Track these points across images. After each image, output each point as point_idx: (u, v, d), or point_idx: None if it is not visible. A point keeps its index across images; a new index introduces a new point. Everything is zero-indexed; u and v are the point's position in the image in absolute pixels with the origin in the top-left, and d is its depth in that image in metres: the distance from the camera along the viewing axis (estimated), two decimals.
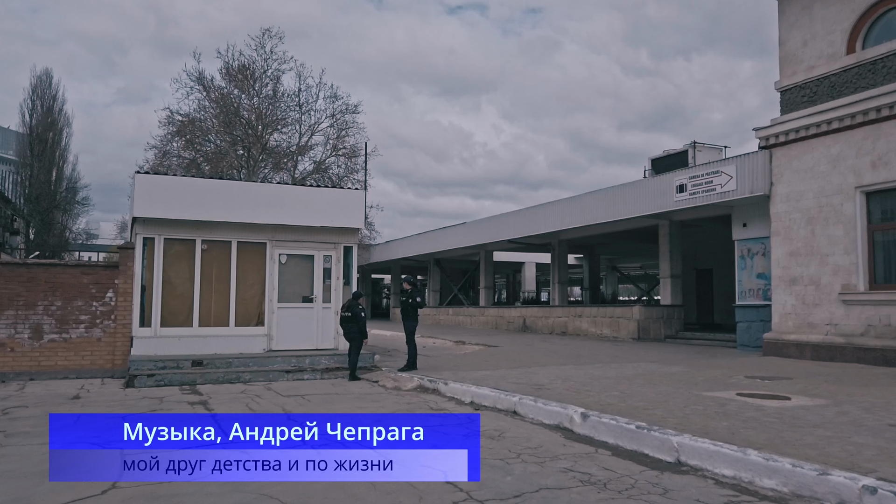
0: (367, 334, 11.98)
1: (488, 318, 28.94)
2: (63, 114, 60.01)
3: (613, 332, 21.22)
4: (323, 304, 13.63)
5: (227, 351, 12.67)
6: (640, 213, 19.90)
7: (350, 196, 13.99)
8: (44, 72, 62.08)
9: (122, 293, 12.21)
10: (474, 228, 29.50)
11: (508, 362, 13.72)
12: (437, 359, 14.62)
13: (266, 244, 13.30)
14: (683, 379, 10.59)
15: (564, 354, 15.62)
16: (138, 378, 10.96)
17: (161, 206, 12.22)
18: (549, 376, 10.98)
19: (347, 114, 30.75)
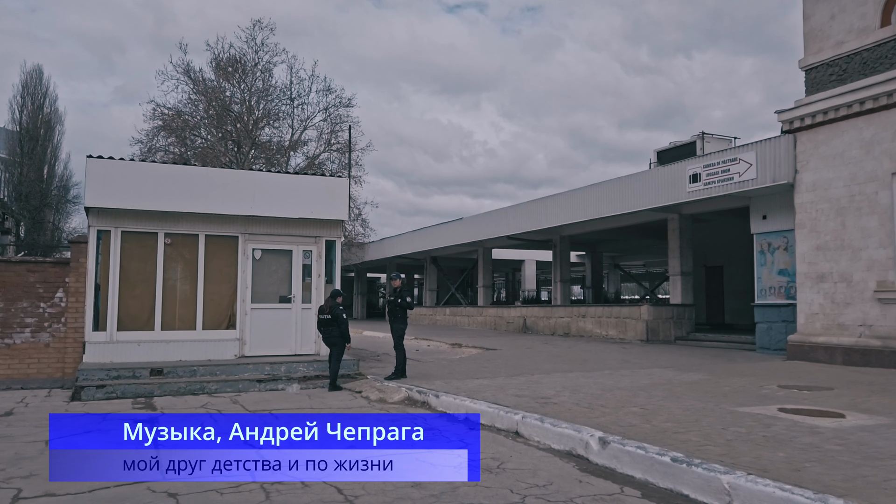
0: (349, 338, 10.64)
1: (487, 319, 27.61)
2: (55, 111, 58.61)
3: (620, 333, 19.89)
4: (302, 305, 12.27)
5: (194, 357, 11.32)
6: (648, 205, 18.59)
7: (333, 184, 12.62)
8: (34, 68, 60.57)
9: (74, 293, 10.86)
10: (472, 224, 28.16)
11: (508, 368, 12.39)
12: (429, 364, 13.28)
13: (238, 238, 11.93)
14: (708, 389, 9.26)
15: (569, 359, 14.29)
16: (86, 390, 9.61)
17: (118, 195, 10.86)
18: (554, 386, 9.65)
19: (341, 108, 29.53)
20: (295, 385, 10.75)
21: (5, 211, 39.95)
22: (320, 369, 11.35)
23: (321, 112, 30.66)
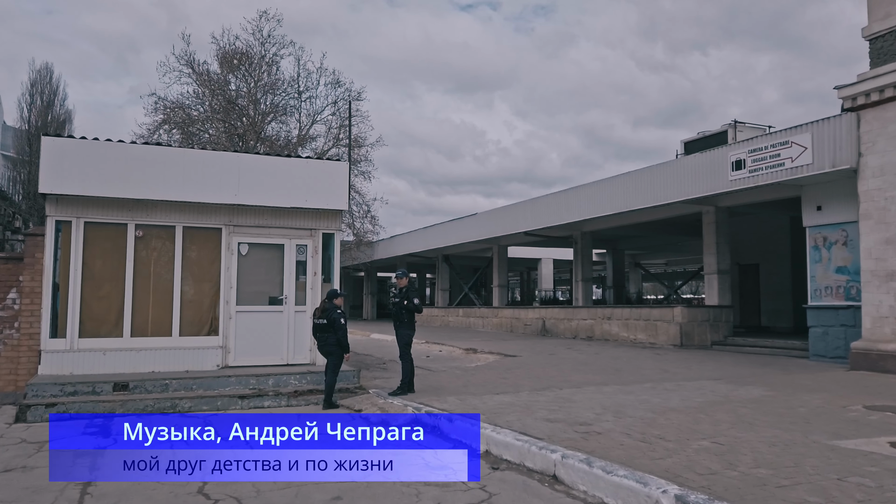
0: (347, 347, 9.05)
1: (502, 320, 25.95)
2: (65, 109, 57.59)
3: (650, 337, 18.17)
4: (296, 307, 10.71)
5: (170, 368, 9.79)
6: (682, 197, 16.83)
7: (331, 169, 11.02)
8: (44, 66, 59.69)
9: (29, 293, 9.35)
10: (487, 220, 26.50)
11: (532, 380, 10.76)
12: (441, 375, 11.67)
13: (221, 230, 10.38)
14: (781, 411, 7.58)
15: (599, 367, 12.63)
16: (32, 410, 8.08)
17: (78, 180, 9.34)
18: (591, 406, 8.01)
19: (351, 101, 28.02)
20: (284, 401, 9.18)
21: (15, 210, 38.91)
22: (315, 382, 9.78)
23: (330, 105, 29.32)
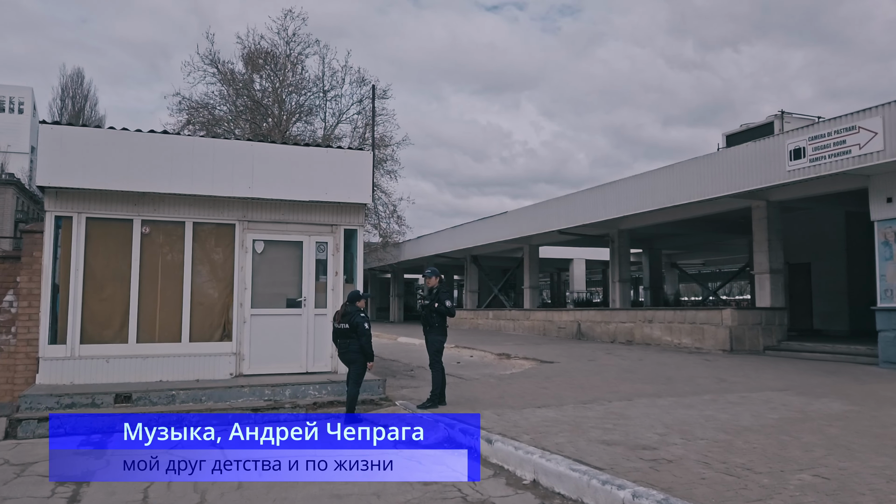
0: (372, 355, 8.10)
1: (535, 323, 24.85)
2: (96, 113, 57.92)
3: (695, 341, 16.94)
4: (316, 310, 9.82)
5: (179, 376, 8.96)
6: (731, 190, 15.60)
7: (353, 159, 10.11)
8: (75, 71, 60.23)
9: (27, 296, 8.61)
10: (518, 218, 25.43)
11: (575, 390, 9.73)
12: (474, 384, 10.69)
13: (235, 226, 9.54)
14: (876, 431, 6.44)
15: (647, 375, 11.52)
16: (24, 424, 7.29)
17: (80, 171, 8.56)
18: (650, 423, 6.95)
19: (377, 99, 27.22)
20: (301, 415, 8.27)
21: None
22: (336, 392, 8.88)
23: (355, 104, 28.59)
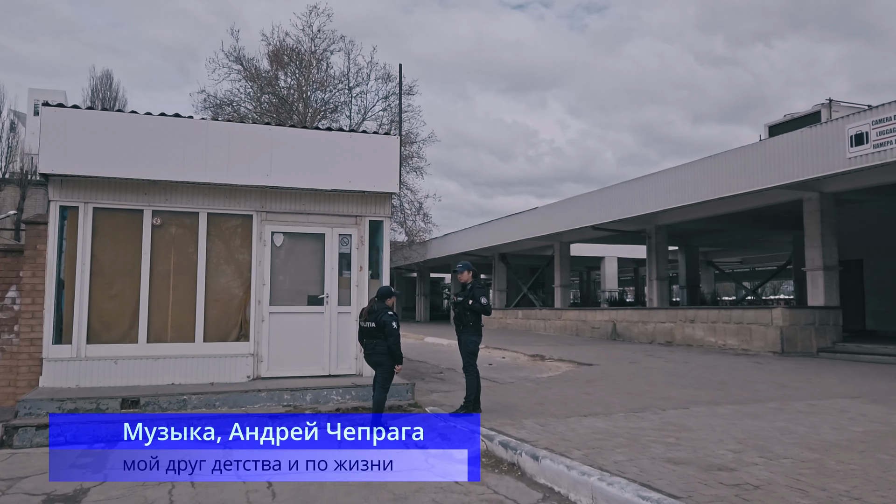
0: (400, 357, 7.32)
1: (566, 323, 23.92)
2: None
3: (742, 342, 15.90)
4: (339, 308, 9.09)
5: (192, 379, 8.30)
6: (783, 181, 14.58)
7: (380, 144, 9.34)
8: (104, 73, 61.25)
9: (30, 292, 8.00)
10: (549, 214, 24.51)
11: (621, 395, 8.87)
12: (509, 388, 9.87)
13: (252, 217, 8.86)
14: None
15: (697, 380, 10.59)
16: (21, 432, 6.66)
17: (86, 157, 7.94)
18: (717, 435, 6.08)
19: (403, 96, 26.57)
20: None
21: None
22: (361, 398, 8.14)
23: (381, 101, 28.01)
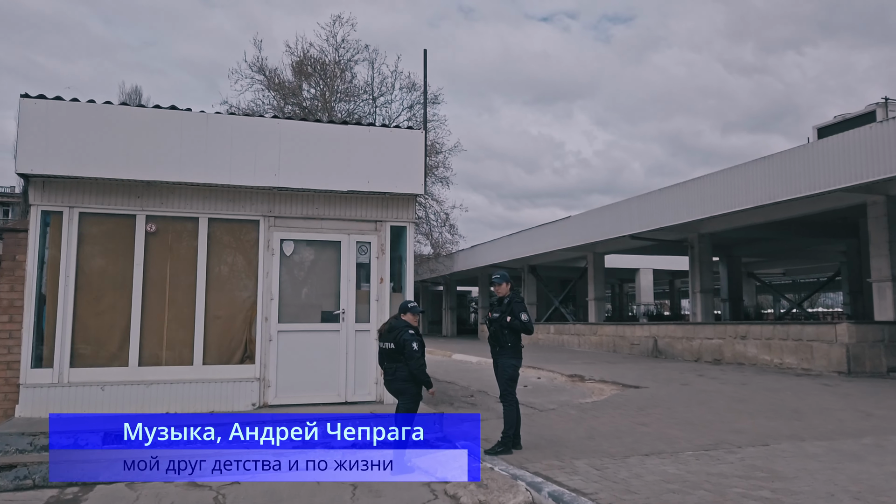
0: (429, 381, 6.20)
1: (602, 339, 22.57)
2: None
3: (802, 361, 14.46)
4: (357, 325, 8.03)
5: (189, 407, 7.29)
6: (846, 183, 13.26)
7: (402, 140, 8.29)
8: (133, 89, 61.95)
9: (7, 308, 7.09)
10: (582, 224, 23.30)
11: (683, 427, 7.63)
12: (550, 416, 8.68)
13: (259, 223, 7.87)
14: None
15: (764, 406, 9.29)
16: None
17: (71, 155, 7.03)
18: (818, 484, 4.86)
19: (429, 104, 25.74)
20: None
21: None
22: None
23: (405, 111, 27.25)
